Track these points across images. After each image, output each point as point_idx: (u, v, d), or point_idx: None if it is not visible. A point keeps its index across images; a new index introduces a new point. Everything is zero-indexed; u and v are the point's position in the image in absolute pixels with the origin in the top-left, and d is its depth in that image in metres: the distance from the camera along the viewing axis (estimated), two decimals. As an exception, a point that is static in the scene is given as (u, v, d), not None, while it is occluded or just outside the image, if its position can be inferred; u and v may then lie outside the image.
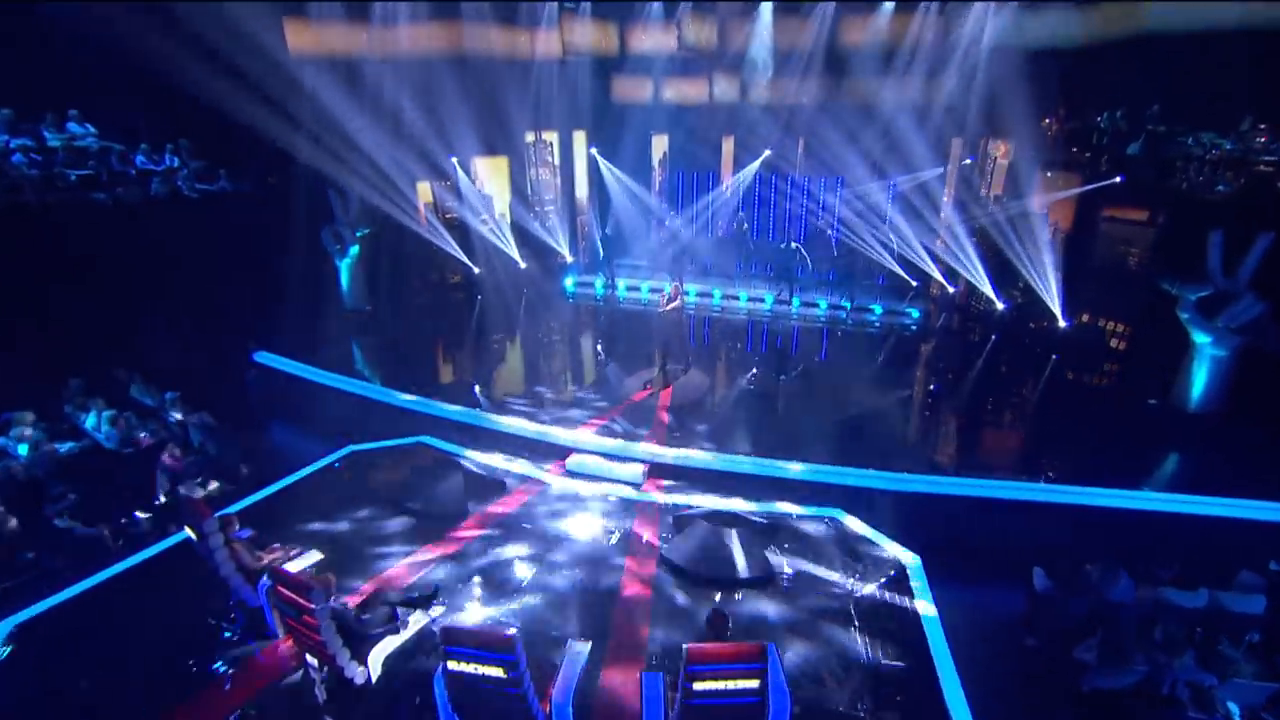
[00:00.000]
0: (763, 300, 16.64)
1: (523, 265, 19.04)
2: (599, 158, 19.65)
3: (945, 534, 7.95)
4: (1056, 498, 8.10)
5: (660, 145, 20.03)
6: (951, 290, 16.24)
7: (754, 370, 12.81)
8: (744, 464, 9.13)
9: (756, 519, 8.24)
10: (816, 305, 16.23)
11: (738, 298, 16.89)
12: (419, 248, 17.85)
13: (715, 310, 16.74)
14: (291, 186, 15.20)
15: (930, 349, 14.38)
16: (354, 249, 16.07)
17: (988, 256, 15.15)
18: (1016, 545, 7.35)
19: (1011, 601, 6.86)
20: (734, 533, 7.61)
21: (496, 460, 9.88)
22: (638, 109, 19.34)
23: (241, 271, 13.08)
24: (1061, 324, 13.75)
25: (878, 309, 15.87)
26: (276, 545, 6.89)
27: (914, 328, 15.45)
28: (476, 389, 11.65)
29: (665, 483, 9.22)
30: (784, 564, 7.54)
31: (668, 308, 12.53)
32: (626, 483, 9.18)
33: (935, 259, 16.18)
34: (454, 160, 18.10)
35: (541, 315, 16.91)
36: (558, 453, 9.85)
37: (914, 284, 16.37)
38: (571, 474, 9.46)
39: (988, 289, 14.99)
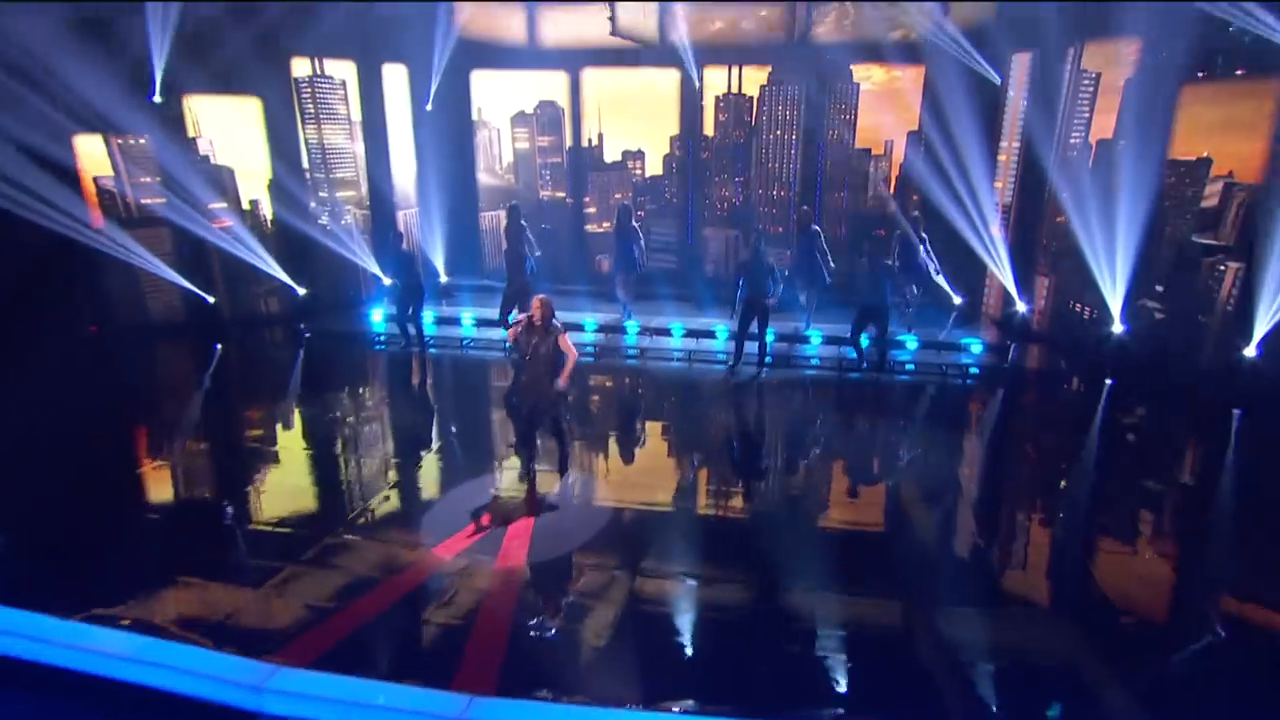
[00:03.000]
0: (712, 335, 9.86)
1: (301, 292, 11.02)
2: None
3: None
4: None
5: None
6: (1024, 309, 10.32)
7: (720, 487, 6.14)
8: None
9: None
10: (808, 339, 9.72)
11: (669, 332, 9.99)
12: (79, 262, 9.41)
13: (670, 358, 9.66)
14: None
15: (1000, 408, 8.38)
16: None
17: (1095, 244, 9.31)
18: None
19: None
20: None
21: None
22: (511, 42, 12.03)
23: None
24: (1249, 353, 8.11)
25: (911, 341, 9.58)
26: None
27: (975, 370, 9.31)
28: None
29: None
30: None
31: (520, 342, 5.85)
32: None
33: (994, 251, 10.23)
34: (158, 100, 9.87)
35: (326, 383, 9.01)
36: None
37: (958, 299, 10.37)
38: None
39: (1108, 298, 9.14)
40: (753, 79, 11.09)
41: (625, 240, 9.81)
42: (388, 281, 10.45)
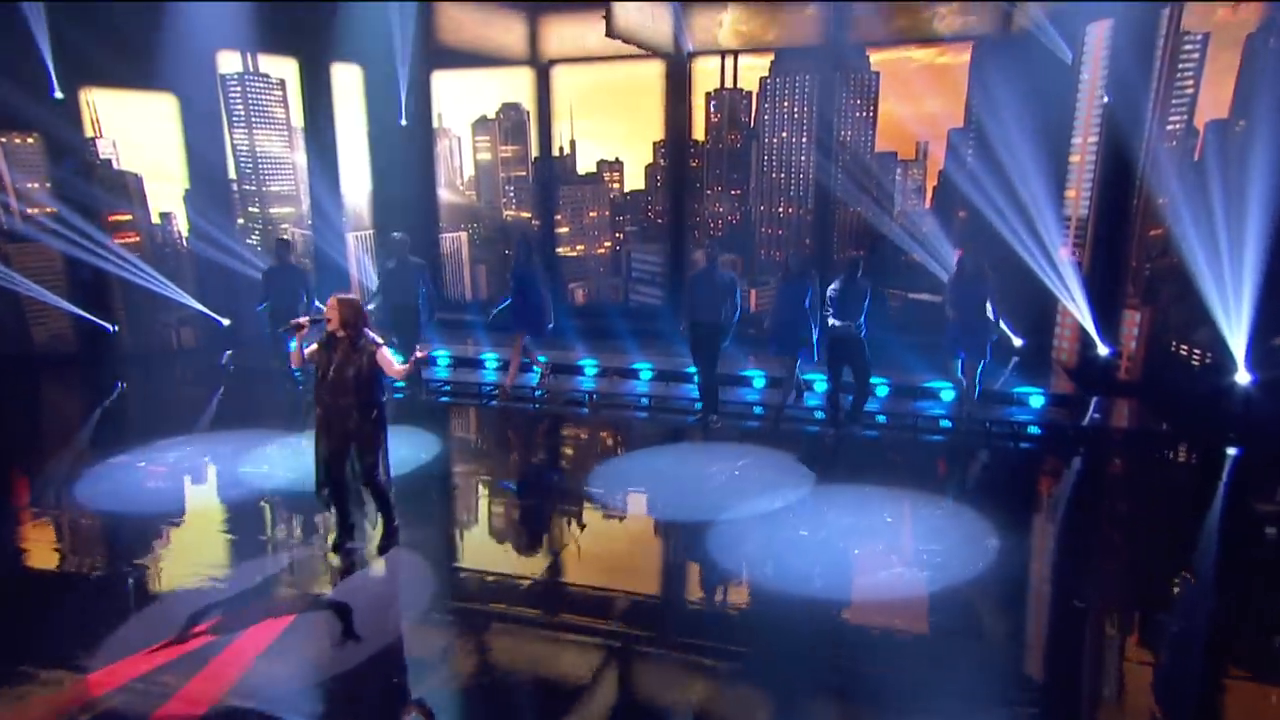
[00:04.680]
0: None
1: (224, 322, 9.38)
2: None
3: None
4: None
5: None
6: (1106, 353, 7.69)
7: None
8: None
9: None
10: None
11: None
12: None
13: (628, 405, 7.42)
14: None
15: (1073, 482, 5.73)
16: None
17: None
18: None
19: None
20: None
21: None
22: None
23: None
24: None
25: (946, 392, 7.08)
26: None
27: (1036, 430, 6.77)
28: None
29: None
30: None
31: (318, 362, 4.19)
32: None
33: (1065, 279, 7.72)
34: (69, 97, 8.60)
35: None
36: None
37: (1018, 341, 7.85)
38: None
39: (1227, 337, 6.48)
40: (752, 70, 9.09)
41: (526, 287, 7.09)
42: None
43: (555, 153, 9.97)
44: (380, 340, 4.14)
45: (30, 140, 8.63)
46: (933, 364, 7.44)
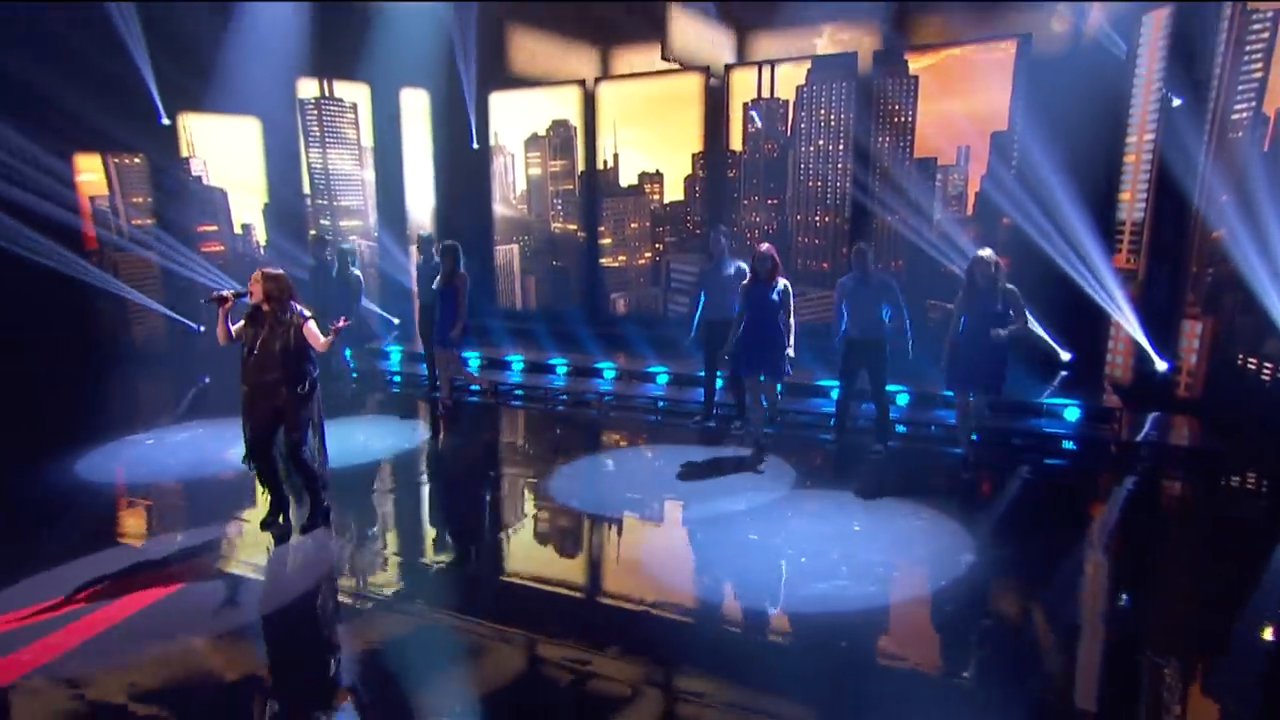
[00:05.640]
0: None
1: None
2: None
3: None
4: None
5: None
6: (1164, 368, 7.14)
7: None
8: None
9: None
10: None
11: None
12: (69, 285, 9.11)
13: (637, 406, 7.59)
14: None
15: (1123, 508, 5.30)
16: None
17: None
18: None
19: None
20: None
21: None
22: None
23: None
24: None
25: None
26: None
27: (1070, 446, 6.37)
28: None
29: None
30: None
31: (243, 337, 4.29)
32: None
33: (1115, 290, 7.24)
34: (171, 121, 9.78)
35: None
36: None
37: (1066, 355, 7.50)
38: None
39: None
40: (788, 79, 9.08)
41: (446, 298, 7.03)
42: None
43: (600, 166, 10.28)
44: (308, 313, 4.24)
45: (137, 160, 9.80)
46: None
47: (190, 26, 9.16)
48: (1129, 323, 7.36)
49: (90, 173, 9.95)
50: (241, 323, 4.25)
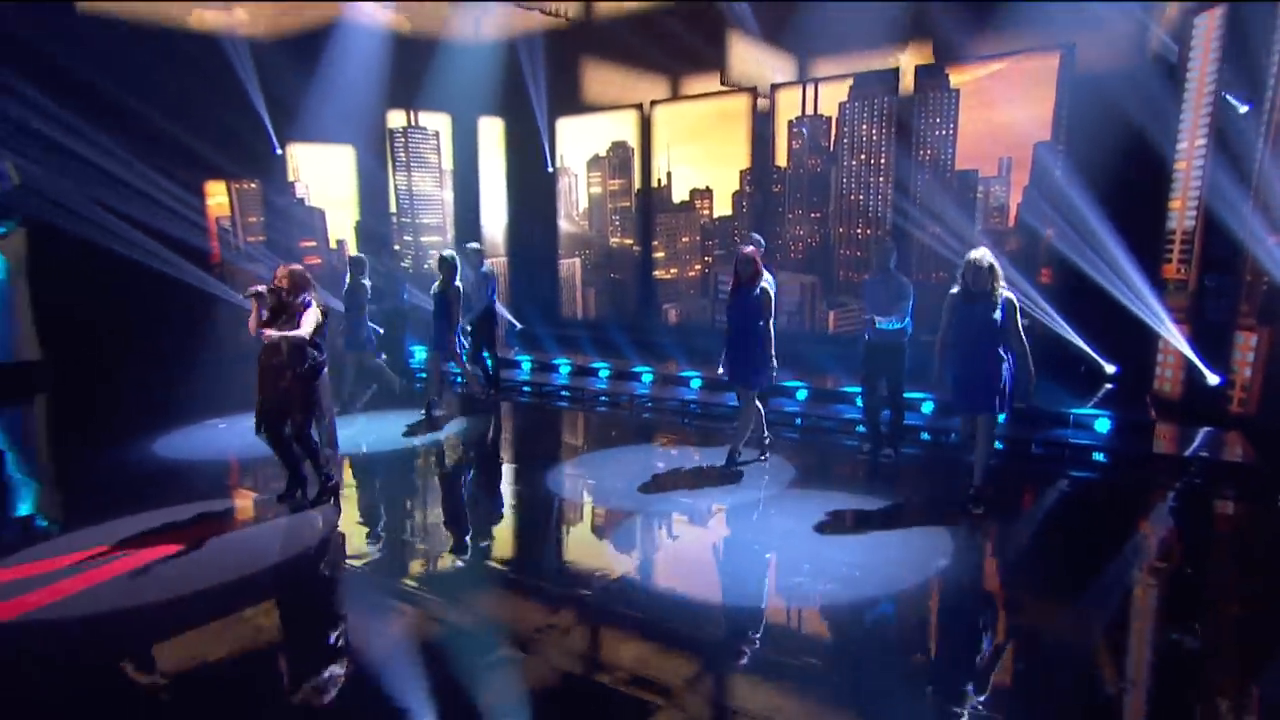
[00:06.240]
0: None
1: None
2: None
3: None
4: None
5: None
6: (1215, 381, 6.84)
7: None
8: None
9: None
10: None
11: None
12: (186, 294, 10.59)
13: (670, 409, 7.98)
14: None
15: (1170, 530, 5.04)
16: (-8, 262, 9.17)
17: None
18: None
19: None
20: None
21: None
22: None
23: None
24: None
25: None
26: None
27: (1098, 459, 6.24)
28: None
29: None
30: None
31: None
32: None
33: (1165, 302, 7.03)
34: (283, 151, 11.24)
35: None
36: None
37: (1111, 368, 7.36)
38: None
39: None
40: (832, 95, 9.31)
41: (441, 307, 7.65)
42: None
43: (654, 184, 10.84)
44: (316, 304, 4.75)
45: (252, 185, 11.28)
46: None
47: (295, 69, 10.53)
48: (1176, 336, 7.06)
49: (218, 196, 11.54)
50: (268, 313, 4.80)
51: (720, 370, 5.92)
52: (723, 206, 10.45)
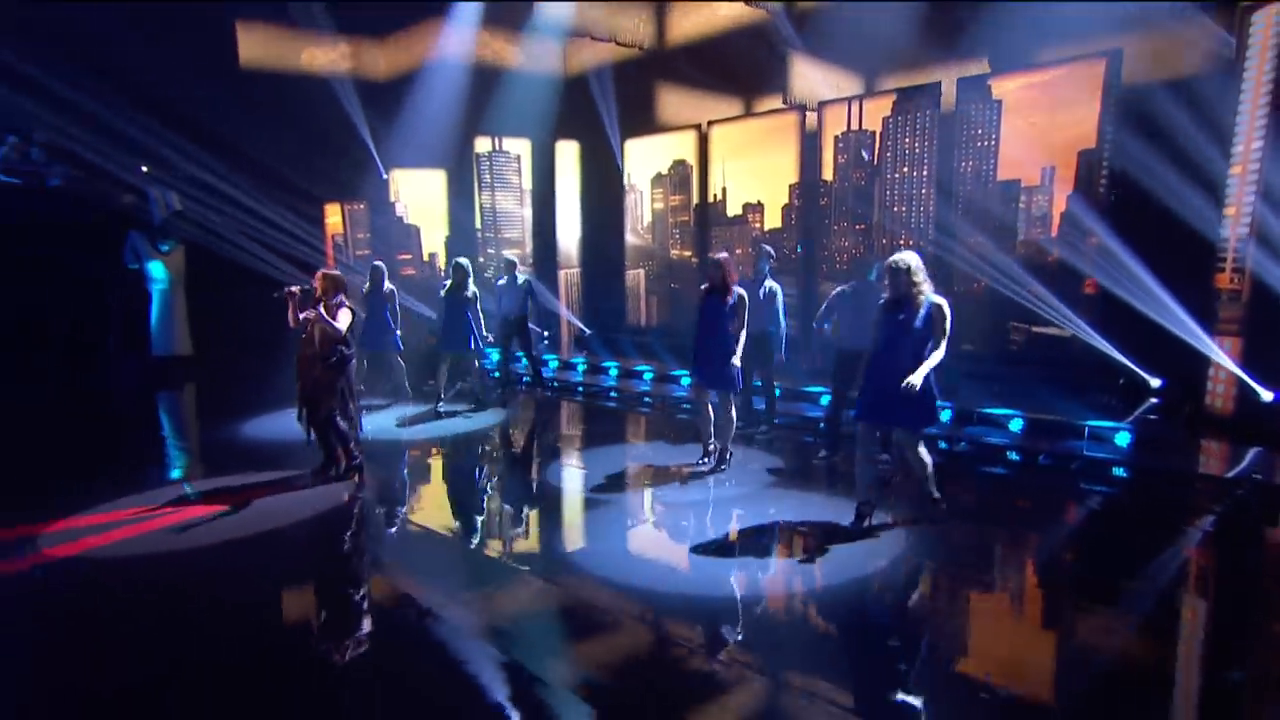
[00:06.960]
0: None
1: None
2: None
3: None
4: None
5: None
6: (1270, 398, 6.46)
7: None
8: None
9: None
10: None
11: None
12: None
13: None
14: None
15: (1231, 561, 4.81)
16: (156, 268, 11.10)
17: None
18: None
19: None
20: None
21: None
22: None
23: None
24: None
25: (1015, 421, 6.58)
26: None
27: (1124, 474, 6.07)
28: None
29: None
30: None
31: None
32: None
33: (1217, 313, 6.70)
34: (388, 176, 12.81)
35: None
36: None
37: (1156, 381, 7.11)
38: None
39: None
40: (876, 110, 9.42)
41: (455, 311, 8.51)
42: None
43: (711, 199, 11.32)
44: (347, 305, 5.44)
45: (361, 206, 12.89)
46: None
47: (394, 102, 12.00)
48: (1216, 350, 6.63)
49: (334, 216, 13.28)
50: (307, 312, 5.48)
51: (689, 372, 6.20)
52: (773, 219, 10.75)
